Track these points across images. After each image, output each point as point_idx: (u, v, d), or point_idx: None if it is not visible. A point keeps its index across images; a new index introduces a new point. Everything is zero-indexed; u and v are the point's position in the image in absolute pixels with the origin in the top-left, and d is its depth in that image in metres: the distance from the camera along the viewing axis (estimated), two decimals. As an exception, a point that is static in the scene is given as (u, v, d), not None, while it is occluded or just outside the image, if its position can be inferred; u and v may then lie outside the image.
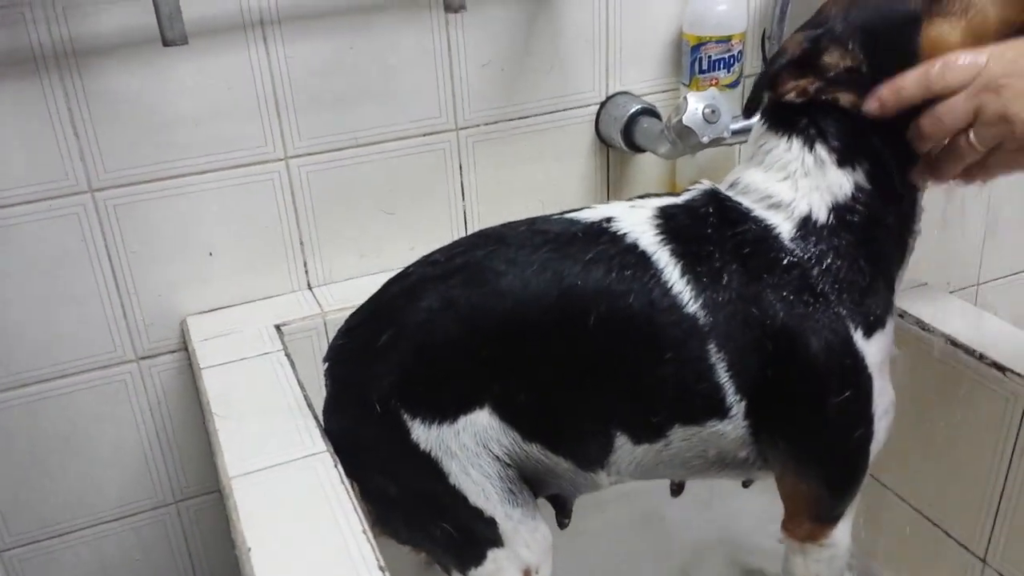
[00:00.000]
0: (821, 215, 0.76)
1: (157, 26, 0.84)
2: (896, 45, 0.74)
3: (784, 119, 0.79)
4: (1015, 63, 0.70)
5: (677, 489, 1.03)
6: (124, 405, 1.11)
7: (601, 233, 0.79)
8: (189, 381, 1.12)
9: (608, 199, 1.27)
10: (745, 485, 0.97)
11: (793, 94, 0.77)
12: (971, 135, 0.72)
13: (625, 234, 0.78)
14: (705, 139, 1.04)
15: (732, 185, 0.81)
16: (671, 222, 0.79)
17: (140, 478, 1.16)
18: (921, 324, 1.03)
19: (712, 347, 0.75)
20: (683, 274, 0.76)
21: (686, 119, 1.03)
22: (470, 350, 0.78)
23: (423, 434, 0.79)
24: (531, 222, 0.82)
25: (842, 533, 0.84)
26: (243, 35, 1.00)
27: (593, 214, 0.81)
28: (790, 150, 0.78)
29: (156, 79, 0.98)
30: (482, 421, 0.79)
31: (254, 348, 1.02)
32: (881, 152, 0.76)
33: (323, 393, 1.09)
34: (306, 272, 1.14)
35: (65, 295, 1.03)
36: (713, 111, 1.03)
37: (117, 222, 1.02)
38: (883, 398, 0.78)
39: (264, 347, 1.02)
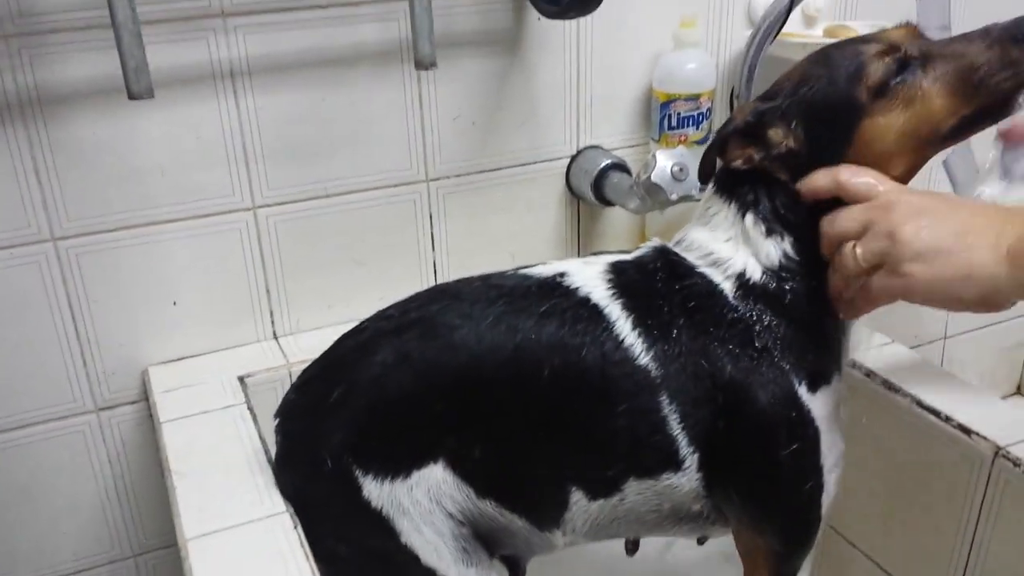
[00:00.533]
0: (756, 276, 0.77)
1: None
2: (834, 132, 0.75)
3: (729, 184, 0.80)
4: (910, 193, 0.72)
5: (632, 547, 1.02)
6: (83, 456, 1.09)
7: (554, 288, 0.79)
8: (149, 432, 1.10)
9: (579, 251, 1.27)
10: (700, 542, 0.96)
11: (739, 161, 0.78)
12: (857, 247, 0.73)
13: (577, 288, 0.79)
14: (674, 196, 1.05)
15: (679, 242, 0.83)
16: (622, 277, 0.80)
17: (98, 531, 1.13)
18: (887, 384, 1.03)
19: (664, 399, 0.76)
20: (634, 327, 0.76)
21: (655, 176, 1.04)
22: (424, 404, 0.77)
23: (375, 491, 0.78)
24: (486, 277, 0.82)
25: None
26: (213, 86, 0.99)
27: (547, 269, 0.82)
28: (728, 216, 0.80)
29: (123, 128, 0.97)
30: (436, 476, 0.78)
31: (216, 401, 1.00)
32: (811, 228, 0.77)
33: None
34: (272, 322, 1.12)
35: (24, 344, 1.01)
36: (681, 169, 1.04)
37: (79, 270, 1.01)
38: (832, 451, 0.79)
39: (226, 400, 1.00)
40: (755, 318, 0.76)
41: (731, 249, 0.79)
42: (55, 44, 0.92)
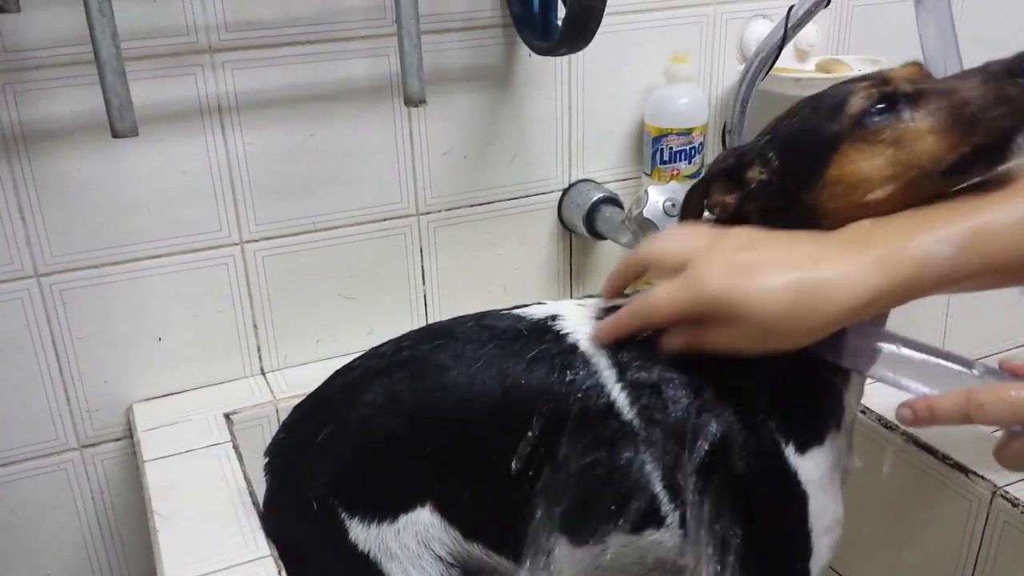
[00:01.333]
0: None
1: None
2: (809, 162, 0.70)
3: None
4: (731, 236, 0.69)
5: None
6: (66, 494, 1.07)
7: (545, 331, 0.77)
8: (134, 469, 1.08)
9: (571, 284, 1.26)
10: None
11: (717, 209, 0.76)
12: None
13: (568, 334, 0.76)
14: (666, 232, 1.04)
15: None
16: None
17: (81, 569, 1.11)
18: (882, 421, 1.02)
19: (647, 456, 0.73)
20: (619, 379, 0.73)
21: (647, 212, 1.03)
22: (412, 447, 0.76)
23: (362, 534, 0.76)
24: (480, 316, 0.81)
25: None
26: (200, 121, 0.98)
27: (540, 311, 0.80)
28: None
29: (108, 164, 0.96)
30: (423, 520, 0.77)
31: (201, 439, 0.98)
32: None
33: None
34: (259, 357, 1.11)
35: (6, 380, 1.00)
36: (674, 204, 1.03)
37: (63, 307, 0.99)
38: (824, 515, 0.75)
39: (212, 438, 0.99)
40: (742, 376, 0.72)
41: None
42: (40, 80, 0.91)
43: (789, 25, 1.07)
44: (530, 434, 0.74)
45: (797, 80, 1.19)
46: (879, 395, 1.05)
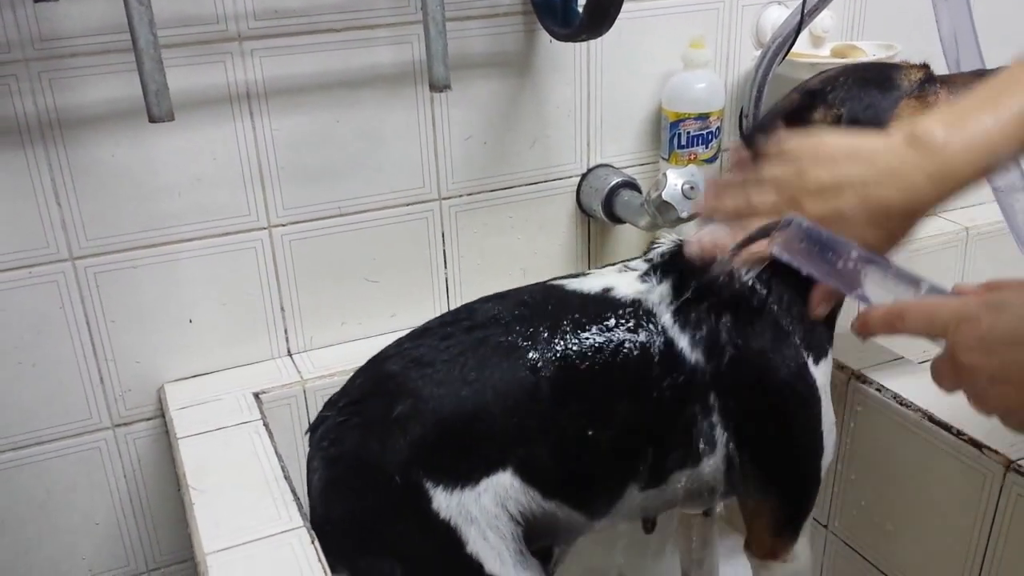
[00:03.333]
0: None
1: (143, 100, 0.85)
2: (875, 111, 0.85)
3: None
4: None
5: (651, 526, 1.07)
6: (99, 472, 1.10)
7: (607, 301, 0.85)
8: (165, 449, 1.11)
9: (590, 268, 1.28)
10: (707, 514, 1.04)
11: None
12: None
13: (626, 299, 0.85)
14: (684, 214, 1.06)
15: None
16: (660, 281, 0.86)
17: (114, 546, 1.14)
18: (899, 399, 1.04)
19: (712, 392, 0.84)
20: (682, 329, 0.84)
21: (665, 195, 1.05)
22: (498, 418, 0.80)
23: (444, 501, 0.79)
24: (543, 288, 0.89)
25: (802, 548, 0.92)
26: (229, 108, 1.01)
27: (594, 283, 0.88)
28: None
29: (141, 150, 0.99)
30: (504, 482, 0.80)
31: (232, 417, 1.01)
32: None
33: (303, 463, 1.10)
34: (287, 339, 1.14)
35: (41, 362, 1.02)
36: (692, 187, 1.05)
37: (97, 289, 1.02)
38: (828, 416, 0.89)
39: (242, 416, 1.02)
40: (777, 302, 0.85)
41: (761, 245, 0.83)
42: (75, 68, 0.94)
43: (805, 11, 1.09)
44: (610, 396, 0.82)
45: (813, 65, 1.20)
46: (896, 373, 1.08)
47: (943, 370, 0.64)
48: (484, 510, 0.79)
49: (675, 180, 1.05)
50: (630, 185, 1.19)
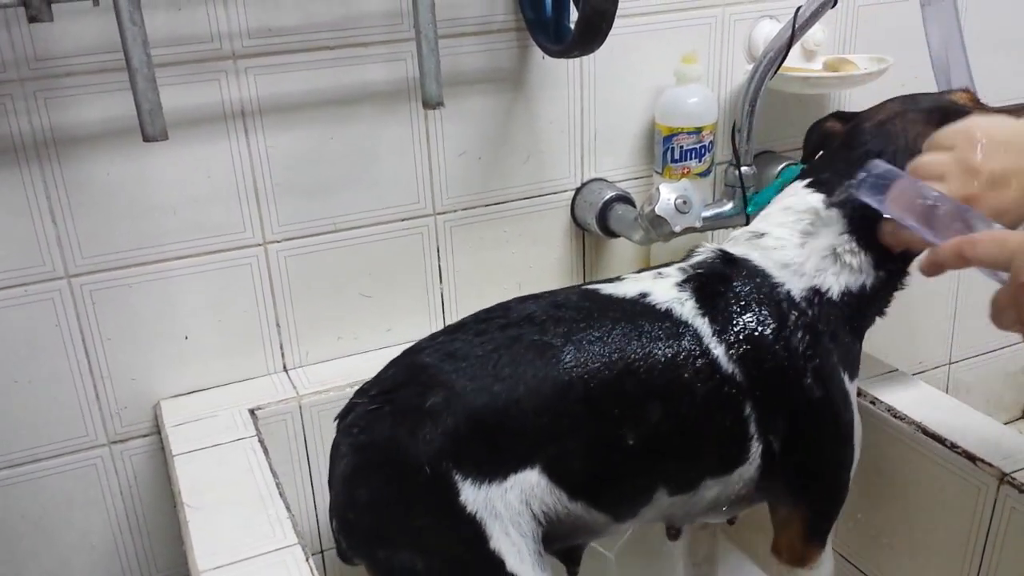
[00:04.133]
0: (833, 294, 0.88)
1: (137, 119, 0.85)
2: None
3: (838, 203, 0.90)
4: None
5: (676, 533, 1.08)
6: (95, 489, 1.10)
7: (643, 307, 0.86)
8: (161, 465, 1.11)
9: (584, 281, 1.28)
10: (731, 522, 1.03)
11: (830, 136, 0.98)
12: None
13: (662, 305, 0.86)
14: (677, 228, 1.06)
15: (757, 235, 0.92)
16: (701, 290, 0.87)
17: (110, 563, 1.14)
18: (892, 412, 1.04)
19: (748, 403, 0.84)
20: (720, 339, 0.84)
21: (658, 209, 1.05)
22: (531, 415, 0.80)
23: (472, 495, 0.78)
24: (578, 291, 0.89)
25: (827, 557, 0.95)
26: (224, 126, 1.01)
27: (629, 288, 0.88)
28: (828, 235, 0.89)
29: (136, 168, 0.99)
30: (531, 480, 0.80)
31: (227, 434, 1.01)
32: (893, 266, 0.90)
33: (300, 479, 1.10)
34: (282, 355, 1.14)
35: (37, 379, 1.03)
36: (685, 201, 1.06)
37: (92, 307, 1.02)
38: (859, 430, 0.91)
39: (238, 432, 1.02)
40: (819, 320, 0.87)
41: (816, 263, 0.88)
42: (70, 87, 0.94)
43: (796, 25, 1.10)
44: (644, 402, 0.82)
45: (805, 79, 1.21)
46: (889, 385, 1.08)
47: (1004, 301, 0.67)
48: (509, 506, 0.79)
49: (668, 195, 1.06)
50: (624, 199, 1.19)
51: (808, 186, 0.92)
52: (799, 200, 0.92)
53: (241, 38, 0.99)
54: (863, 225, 0.87)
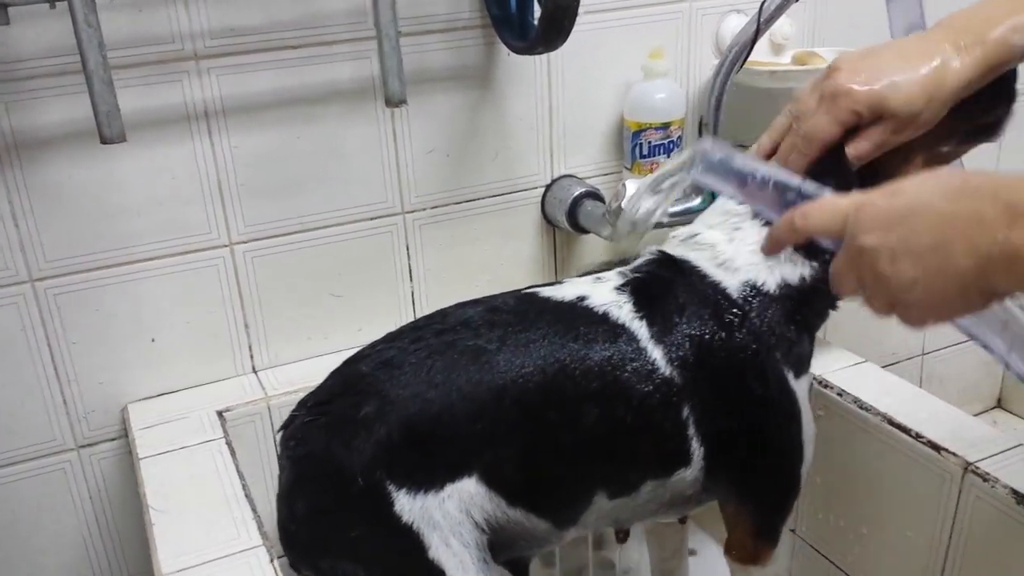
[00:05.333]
0: (770, 288, 0.86)
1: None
2: None
3: None
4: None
5: (624, 536, 1.08)
6: (64, 494, 1.10)
7: (581, 310, 0.85)
8: (130, 468, 1.10)
9: (556, 278, 1.29)
10: (682, 521, 1.04)
11: None
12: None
13: (599, 308, 0.85)
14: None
15: (689, 237, 0.91)
16: (639, 293, 0.86)
17: (81, 567, 1.14)
18: (859, 403, 1.05)
19: (685, 405, 0.84)
20: (656, 341, 0.84)
21: (624, 205, 1.05)
22: (465, 422, 0.79)
23: (407, 505, 0.78)
24: (517, 295, 0.88)
25: (781, 552, 0.94)
26: (187, 127, 1.01)
27: (568, 291, 0.87)
28: (755, 231, 0.87)
29: (99, 170, 0.99)
30: (469, 488, 0.80)
31: (195, 436, 1.01)
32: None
33: (268, 480, 1.09)
34: (251, 356, 1.14)
35: (3, 384, 1.02)
36: (651, 197, 1.06)
37: (58, 310, 1.02)
38: (809, 427, 0.90)
39: (205, 435, 1.01)
40: (759, 318, 0.85)
41: (746, 258, 0.87)
42: (30, 90, 0.94)
43: (762, 19, 1.10)
44: (580, 405, 0.81)
45: (772, 73, 1.22)
46: (856, 376, 1.09)
47: (843, 268, 0.64)
48: (448, 516, 0.79)
49: (634, 190, 1.06)
50: (594, 195, 1.20)
51: None
52: (720, 201, 0.92)
53: (203, 38, 0.99)
54: None
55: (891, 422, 1.01)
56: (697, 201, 1.20)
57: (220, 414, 1.05)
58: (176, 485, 0.93)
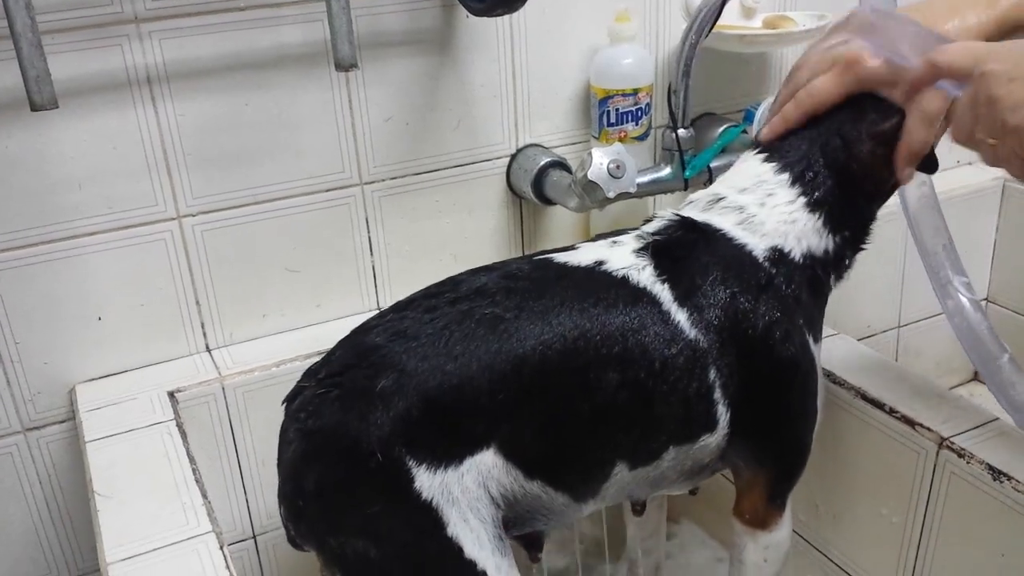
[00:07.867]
0: (796, 256, 0.86)
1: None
2: None
3: (799, 174, 0.87)
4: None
5: (640, 508, 1.06)
6: (12, 479, 1.05)
7: (599, 275, 0.83)
8: (79, 452, 1.06)
9: (523, 251, 1.25)
10: (692, 493, 1.01)
11: None
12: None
13: (618, 272, 0.83)
14: (611, 194, 1.03)
15: (715, 200, 0.89)
16: (657, 255, 0.84)
17: (33, 553, 1.10)
18: (832, 377, 1.02)
19: (711, 368, 0.82)
20: (680, 304, 0.82)
21: (591, 174, 1.02)
22: (485, 392, 0.76)
23: (427, 481, 0.75)
24: (531, 261, 0.86)
25: (786, 519, 0.93)
26: (128, 94, 0.96)
27: (585, 256, 0.85)
28: (789, 198, 0.86)
29: (34, 141, 0.94)
30: (487, 461, 0.77)
31: (144, 418, 0.97)
32: (860, 227, 0.89)
33: (223, 463, 1.06)
34: (204, 334, 1.09)
35: (-58, 366, 0.98)
36: (618, 166, 1.02)
37: (-3, 288, 0.97)
38: (822, 392, 0.91)
39: (155, 416, 0.97)
40: (784, 283, 0.85)
41: (775, 224, 0.86)
42: (-43, 55, 0.89)
43: (731, -20, 1.06)
44: (600, 373, 0.79)
45: (741, 37, 1.18)
46: (830, 349, 1.06)
47: (965, 104, 0.71)
48: (466, 491, 0.76)
49: (601, 159, 1.02)
50: (560, 165, 1.16)
51: (759, 153, 0.89)
52: (753, 166, 0.89)
53: (144, 0, 0.94)
54: (820, 188, 0.86)
55: (865, 397, 0.99)
56: (667, 171, 1.17)
57: (171, 395, 1.01)
58: (123, 469, 0.89)
